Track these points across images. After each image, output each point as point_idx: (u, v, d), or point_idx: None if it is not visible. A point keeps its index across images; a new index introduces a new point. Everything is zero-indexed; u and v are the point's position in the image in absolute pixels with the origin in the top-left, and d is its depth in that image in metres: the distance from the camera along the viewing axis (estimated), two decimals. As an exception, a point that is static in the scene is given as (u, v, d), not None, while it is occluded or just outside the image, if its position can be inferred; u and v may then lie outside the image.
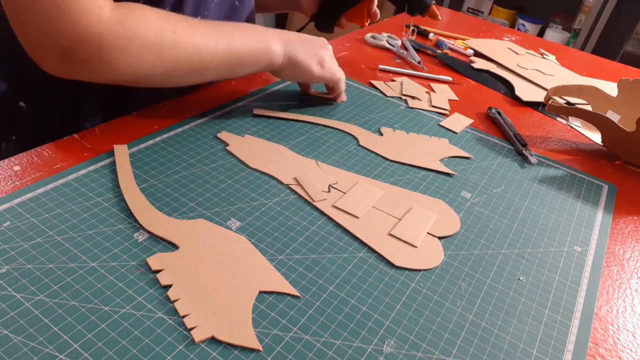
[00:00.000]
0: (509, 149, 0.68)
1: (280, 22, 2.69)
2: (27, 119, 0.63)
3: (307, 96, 0.72)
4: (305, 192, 0.52)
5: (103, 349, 0.34)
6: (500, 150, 0.67)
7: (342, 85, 0.70)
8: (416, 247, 0.47)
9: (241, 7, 0.71)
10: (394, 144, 0.64)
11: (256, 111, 0.66)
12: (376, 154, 0.62)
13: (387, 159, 0.61)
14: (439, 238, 0.49)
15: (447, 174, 0.60)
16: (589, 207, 0.58)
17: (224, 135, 0.60)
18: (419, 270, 0.45)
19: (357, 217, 0.50)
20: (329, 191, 0.53)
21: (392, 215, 0.51)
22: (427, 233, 0.49)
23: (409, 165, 0.60)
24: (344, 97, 0.73)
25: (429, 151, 0.64)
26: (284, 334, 0.37)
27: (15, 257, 0.40)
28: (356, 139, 0.64)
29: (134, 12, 0.49)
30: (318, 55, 0.65)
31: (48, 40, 0.46)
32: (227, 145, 0.58)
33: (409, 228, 0.49)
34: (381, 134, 0.66)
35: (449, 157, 0.63)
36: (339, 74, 0.69)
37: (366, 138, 0.64)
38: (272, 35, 0.62)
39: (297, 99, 0.72)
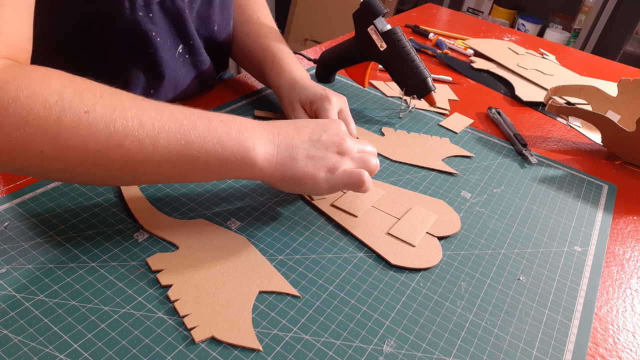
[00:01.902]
0: (509, 149, 0.68)
1: (281, 15, 2.68)
2: None
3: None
4: None
5: (103, 349, 0.34)
6: (500, 150, 0.67)
7: (368, 185, 0.47)
8: (414, 246, 0.47)
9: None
10: (396, 144, 0.64)
11: (257, 113, 0.66)
12: (378, 154, 0.62)
13: (389, 159, 0.61)
14: (439, 238, 0.49)
15: (450, 173, 0.60)
16: (589, 207, 0.58)
17: None
18: (418, 270, 0.45)
19: (356, 216, 0.50)
20: None
21: (391, 215, 0.51)
22: (427, 233, 0.49)
23: (412, 165, 0.60)
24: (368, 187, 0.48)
25: (431, 151, 0.64)
26: (284, 334, 0.37)
27: (15, 257, 0.40)
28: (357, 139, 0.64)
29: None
30: (326, 158, 0.46)
31: None
32: None
33: (408, 227, 0.49)
34: (382, 134, 0.66)
35: (450, 157, 0.63)
36: (362, 177, 0.46)
37: (367, 138, 0.64)
38: (256, 132, 0.44)
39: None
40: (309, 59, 0.83)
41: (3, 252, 0.40)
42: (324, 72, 0.77)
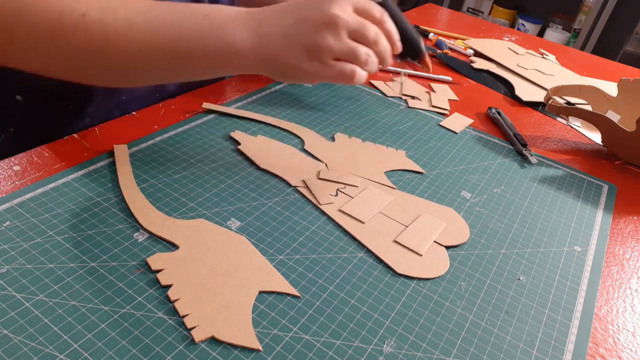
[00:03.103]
0: (509, 149, 0.68)
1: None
2: (23, 113, 0.62)
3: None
4: (312, 195, 0.52)
5: (103, 349, 0.34)
6: (500, 150, 0.67)
7: (378, 62, 0.50)
8: (421, 255, 0.46)
9: None
10: (342, 151, 0.60)
11: (205, 105, 0.64)
12: (317, 158, 0.59)
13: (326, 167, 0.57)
14: (447, 247, 0.48)
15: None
16: (589, 207, 0.58)
17: (236, 134, 0.59)
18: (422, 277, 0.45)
19: (363, 222, 0.49)
20: (336, 195, 0.53)
21: (399, 222, 0.50)
22: (434, 242, 0.48)
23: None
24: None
25: (377, 162, 0.60)
26: (284, 334, 0.37)
27: (15, 257, 0.40)
28: (302, 141, 0.62)
29: None
30: (309, 42, 0.44)
31: None
32: (239, 144, 0.57)
33: (415, 235, 0.48)
34: (333, 140, 0.63)
35: (398, 170, 0.59)
36: (352, 78, 0.46)
37: (312, 142, 0.61)
38: (238, 25, 0.45)
39: (295, 100, 0.72)
40: None
41: (3, 252, 0.40)
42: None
